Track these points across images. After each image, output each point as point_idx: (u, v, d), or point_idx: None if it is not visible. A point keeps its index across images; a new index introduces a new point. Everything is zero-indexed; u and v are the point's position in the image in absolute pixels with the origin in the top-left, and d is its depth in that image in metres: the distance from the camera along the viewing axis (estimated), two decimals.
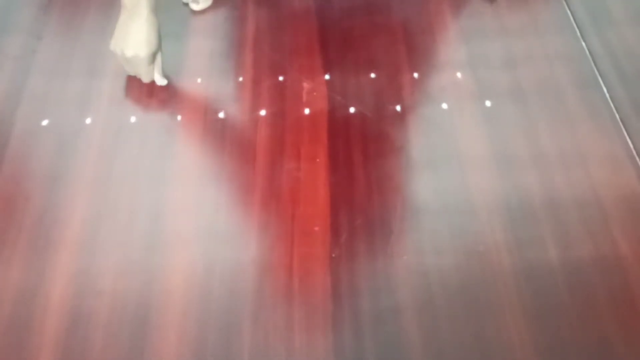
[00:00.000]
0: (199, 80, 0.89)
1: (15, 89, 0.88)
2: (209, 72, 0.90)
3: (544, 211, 0.75)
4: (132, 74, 0.87)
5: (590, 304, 0.68)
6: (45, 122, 0.84)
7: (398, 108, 0.85)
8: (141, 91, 0.88)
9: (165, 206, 0.76)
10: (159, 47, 0.84)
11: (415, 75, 0.89)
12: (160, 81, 0.87)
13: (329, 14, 0.97)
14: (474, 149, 0.80)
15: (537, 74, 0.88)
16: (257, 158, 0.80)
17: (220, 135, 0.83)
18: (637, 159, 0.79)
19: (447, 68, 0.90)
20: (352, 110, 0.85)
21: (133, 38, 0.80)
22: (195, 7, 0.96)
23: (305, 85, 0.88)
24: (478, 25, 0.95)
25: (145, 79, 0.87)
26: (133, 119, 0.84)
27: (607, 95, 0.86)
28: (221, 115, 0.85)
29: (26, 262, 0.71)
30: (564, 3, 0.98)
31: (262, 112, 0.85)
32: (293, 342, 0.65)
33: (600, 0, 0.98)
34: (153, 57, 0.84)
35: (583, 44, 0.92)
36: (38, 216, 0.75)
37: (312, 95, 0.87)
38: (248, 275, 0.70)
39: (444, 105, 0.85)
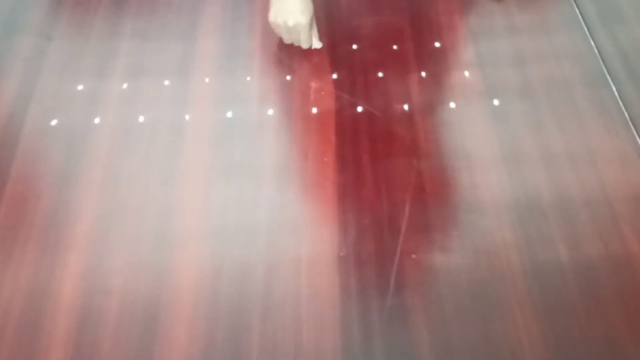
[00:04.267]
0: (207, 79, 0.89)
1: (26, 89, 0.88)
2: (216, 71, 0.90)
3: (553, 210, 0.74)
4: (290, 42, 0.91)
5: (600, 302, 0.67)
6: (54, 122, 0.85)
7: (406, 107, 0.85)
8: (150, 90, 0.88)
9: (174, 205, 0.76)
10: (313, 12, 0.88)
11: (423, 74, 0.89)
12: (318, 44, 0.92)
13: (336, 13, 0.97)
14: (482, 148, 0.80)
15: (546, 72, 0.88)
16: (265, 158, 0.80)
17: (228, 135, 0.83)
18: None
19: (456, 67, 0.89)
20: (359, 109, 0.85)
21: (291, 7, 0.84)
22: None
23: (313, 84, 0.88)
24: (486, 24, 0.95)
25: (305, 45, 0.90)
26: (141, 119, 0.85)
27: (616, 93, 0.85)
28: (229, 114, 0.85)
29: (36, 261, 0.72)
30: (573, 1, 0.97)
31: (270, 112, 0.85)
32: (301, 340, 0.65)
33: None
34: (312, 22, 0.88)
35: (592, 42, 0.92)
36: (48, 215, 0.75)
37: (320, 94, 0.87)
38: (257, 274, 0.70)
39: (452, 104, 0.85)
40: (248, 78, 0.89)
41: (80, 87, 0.89)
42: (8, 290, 0.70)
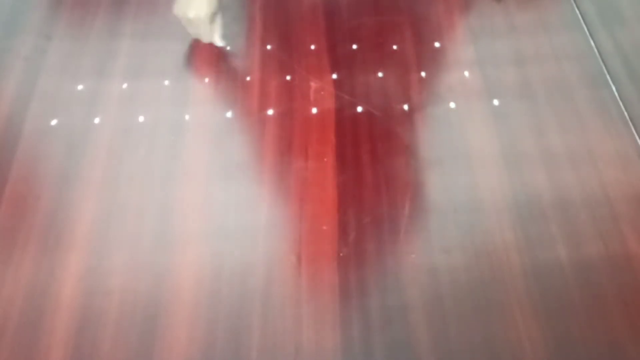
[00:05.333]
0: (206, 80, 0.89)
1: (25, 89, 0.88)
2: (216, 72, 0.90)
3: (553, 210, 0.74)
4: (195, 36, 0.91)
5: (600, 303, 0.67)
6: (54, 122, 0.85)
7: (406, 107, 0.85)
8: (150, 90, 0.88)
9: (174, 206, 0.76)
10: (218, 9, 0.88)
11: (423, 74, 0.89)
12: (219, 42, 0.91)
13: (336, 13, 0.97)
14: (482, 148, 0.80)
15: (546, 72, 0.88)
16: (265, 158, 0.80)
17: (228, 135, 0.83)
18: None
19: (455, 67, 0.89)
20: (359, 109, 0.85)
21: (194, 0, 0.85)
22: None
23: (313, 84, 0.88)
24: (486, 24, 0.95)
25: (206, 40, 0.91)
26: (141, 119, 0.85)
27: (616, 93, 0.85)
28: (229, 114, 0.85)
29: (36, 262, 0.72)
30: (573, 1, 0.97)
31: (270, 112, 0.85)
32: (301, 340, 0.65)
33: None
34: (213, 17, 0.88)
35: (592, 42, 0.92)
36: (48, 215, 0.75)
37: (320, 94, 0.87)
38: (256, 274, 0.70)
39: (452, 104, 0.85)
40: (248, 78, 0.89)
41: (80, 87, 0.89)
42: (8, 290, 0.70)
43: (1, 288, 0.70)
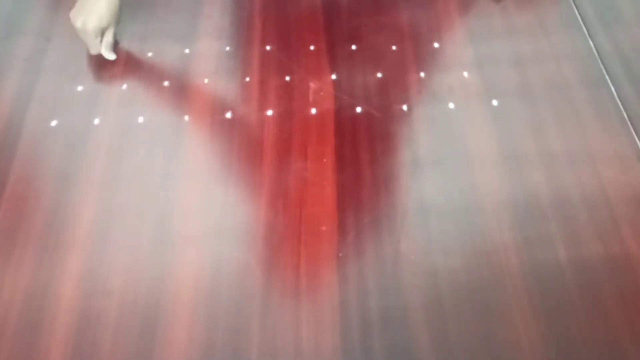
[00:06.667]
0: (206, 80, 0.89)
1: (25, 90, 0.88)
2: (216, 72, 0.90)
3: (552, 210, 0.74)
4: (85, 43, 0.90)
5: (600, 303, 0.67)
6: (54, 123, 0.85)
7: (405, 107, 0.85)
8: (149, 91, 0.88)
9: (173, 206, 0.76)
10: (111, 25, 0.88)
11: (422, 74, 0.89)
12: (108, 55, 0.90)
13: (336, 13, 0.97)
14: (481, 149, 0.80)
15: (545, 73, 0.88)
16: (265, 158, 0.81)
17: (228, 136, 0.83)
18: None
19: (454, 67, 0.89)
20: (359, 109, 0.85)
21: (86, 10, 0.85)
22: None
23: (312, 85, 0.88)
24: (485, 25, 0.95)
25: (92, 51, 0.90)
26: (141, 120, 0.85)
27: (615, 94, 0.85)
28: (228, 115, 0.85)
29: (36, 262, 0.72)
30: (572, 2, 0.97)
31: (269, 112, 0.85)
32: (301, 341, 0.66)
33: None
34: (101, 31, 0.87)
35: (591, 42, 0.92)
36: (48, 216, 0.75)
37: (319, 95, 0.87)
38: (256, 275, 0.70)
39: (451, 105, 0.85)
40: (247, 79, 0.89)
41: (80, 88, 0.89)
42: (8, 291, 0.70)
43: (1, 288, 0.70)
